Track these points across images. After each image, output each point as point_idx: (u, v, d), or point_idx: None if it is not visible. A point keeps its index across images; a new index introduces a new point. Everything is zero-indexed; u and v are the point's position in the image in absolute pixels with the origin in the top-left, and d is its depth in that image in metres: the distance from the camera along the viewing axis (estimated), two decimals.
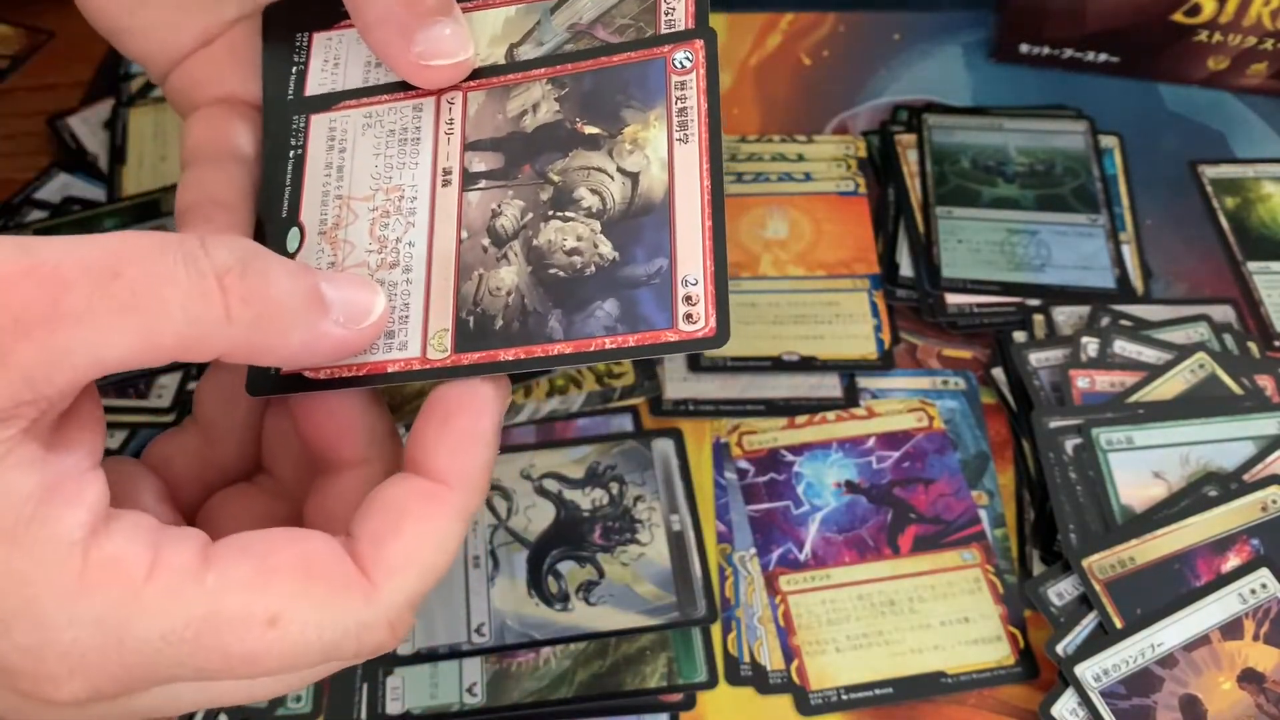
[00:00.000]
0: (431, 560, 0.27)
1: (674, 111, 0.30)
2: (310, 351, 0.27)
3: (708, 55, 0.30)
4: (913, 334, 0.53)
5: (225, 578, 0.25)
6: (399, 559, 0.27)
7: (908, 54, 0.65)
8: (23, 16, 0.68)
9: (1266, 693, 0.40)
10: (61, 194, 0.59)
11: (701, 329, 0.28)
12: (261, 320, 0.25)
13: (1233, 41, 0.60)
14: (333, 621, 0.26)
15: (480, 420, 0.29)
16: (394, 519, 0.27)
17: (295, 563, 0.26)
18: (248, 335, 0.25)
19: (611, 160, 0.30)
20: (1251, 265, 0.55)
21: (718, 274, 0.29)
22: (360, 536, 0.27)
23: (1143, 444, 0.45)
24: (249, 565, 0.25)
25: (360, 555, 0.27)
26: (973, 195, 0.57)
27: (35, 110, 0.63)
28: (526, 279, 0.30)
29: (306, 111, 0.34)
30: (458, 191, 0.31)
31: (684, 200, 0.29)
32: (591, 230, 0.30)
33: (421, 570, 0.27)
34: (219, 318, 0.25)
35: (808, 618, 0.45)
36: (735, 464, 0.49)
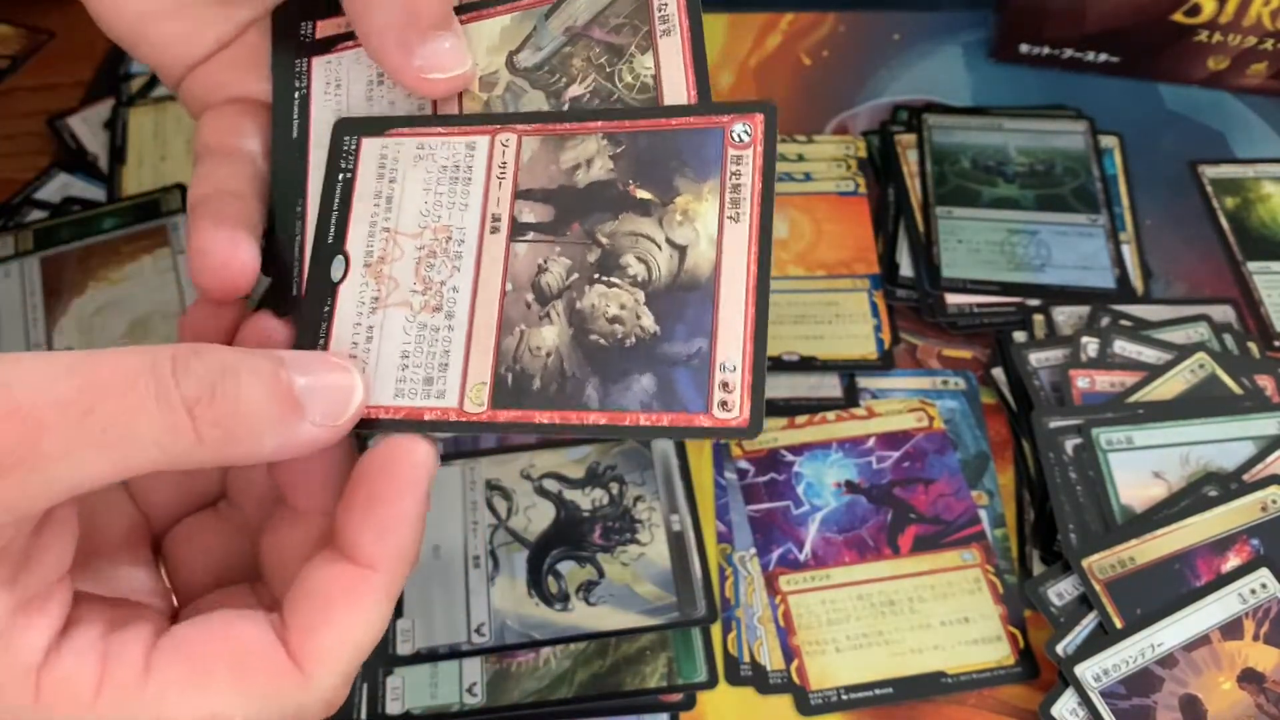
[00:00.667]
0: (361, 641, 0.28)
1: (728, 187, 0.30)
2: (286, 453, 0.28)
3: (766, 132, 0.30)
4: (913, 334, 0.53)
5: (165, 685, 0.26)
6: (330, 647, 0.28)
7: (908, 54, 0.65)
8: (23, 16, 0.68)
9: (1266, 693, 0.40)
10: (61, 194, 0.59)
11: (735, 418, 0.28)
12: (233, 437, 0.26)
13: (1233, 41, 0.60)
14: (268, 712, 0.27)
15: (405, 501, 0.28)
16: (323, 608, 0.28)
17: (229, 660, 0.27)
18: (220, 452, 0.26)
19: (661, 229, 0.30)
20: (1251, 265, 0.55)
21: (756, 362, 0.28)
22: (292, 626, 0.28)
23: (1143, 444, 0.45)
24: (186, 668, 0.27)
25: (292, 645, 0.28)
26: (973, 195, 0.57)
27: (35, 110, 0.63)
28: (567, 341, 0.30)
29: (359, 133, 0.34)
30: (505, 240, 0.31)
31: (729, 282, 0.29)
32: (635, 300, 0.30)
33: (352, 652, 0.28)
34: (190, 444, 0.25)
35: (808, 618, 0.45)
36: (735, 464, 0.49)
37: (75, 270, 0.55)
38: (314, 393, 0.27)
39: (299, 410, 0.27)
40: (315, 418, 0.27)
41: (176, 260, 0.55)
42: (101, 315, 0.53)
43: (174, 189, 0.58)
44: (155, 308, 0.53)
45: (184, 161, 0.60)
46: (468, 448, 0.50)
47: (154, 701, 0.26)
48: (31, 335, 0.53)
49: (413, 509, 0.29)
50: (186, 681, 0.27)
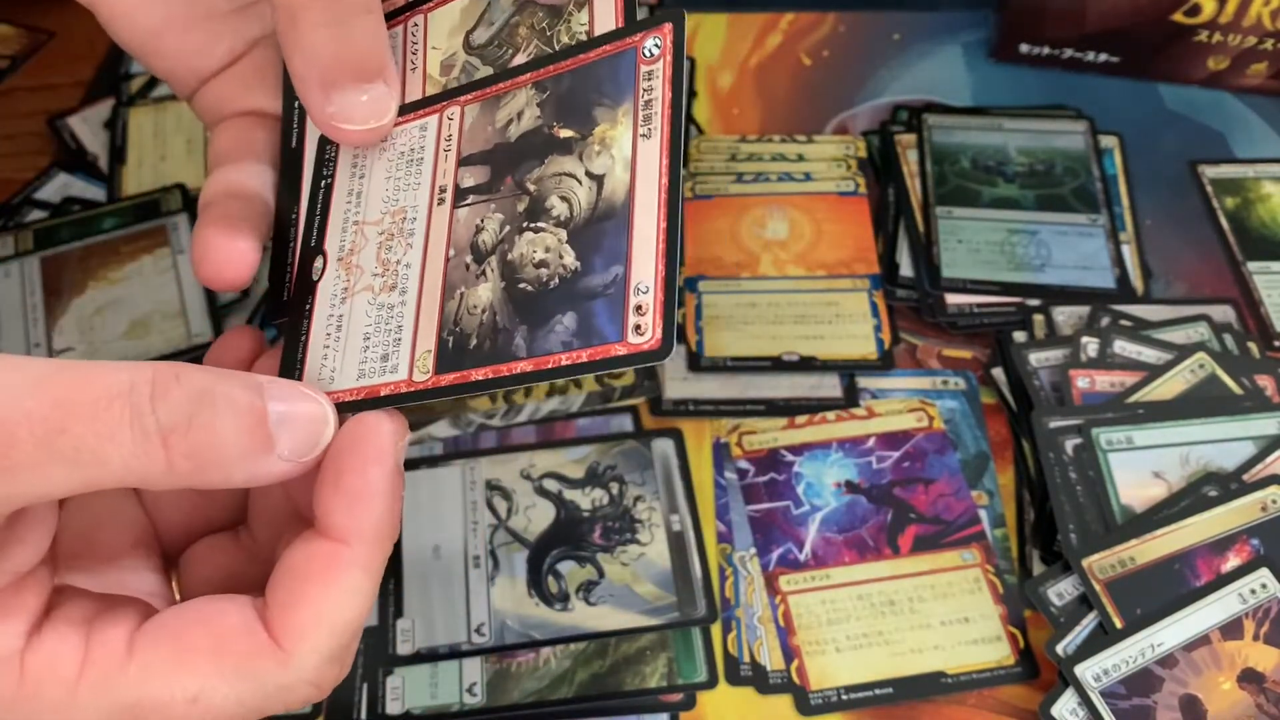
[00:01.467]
0: (340, 617, 0.28)
1: (640, 105, 0.29)
2: (254, 483, 0.28)
3: (675, 41, 0.29)
4: (913, 334, 0.53)
5: (146, 666, 0.27)
6: (306, 623, 0.28)
7: (908, 54, 0.65)
8: (23, 16, 0.68)
9: (1266, 693, 0.40)
10: (61, 194, 0.59)
11: (647, 341, 0.27)
12: (203, 468, 0.26)
13: (1233, 41, 0.60)
14: (250, 690, 0.27)
15: (370, 472, 0.28)
16: (298, 585, 0.28)
17: (208, 641, 0.27)
18: (189, 479, 0.26)
19: (581, 164, 0.29)
20: (1251, 265, 0.55)
21: (668, 279, 0.27)
22: (271, 604, 0.28)
23: (1143, 444, 0.45)
24: (166, 649, 0.27)
25: (271, 622, 0.28)
26: (973, 195, 0.57)
27: (35, 110, 0.63)
28: (499, 295, 0.29)
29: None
30: (449, 209, 0.31)
31: (643, 202, 0.28)
32: (558, 240, 0.29)
33: (331, 628, 0.28)
34: (161, 471, 0.26)
35: (808, 618, 0.45)
36: (735, 464, 0.49)
37: (75, 270, 0.55)
38: (286, 426, 0.28)
39: (269, 445, 0.27)
40: (284, 452, 0.28)
41: (176, 260, 0.55)
42: (101, 315, 0.53)
43: (174, 189, 0.58)
44: (155, 307, 0.53)
45: (184, 161, 0.60)
46: (467, 448, 0.50)
47: (136, 682, 0.27)
48: (31, 335, 0.53)
49: (380, 481, 0.29)
50: (169, 661, 0.27)
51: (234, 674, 0.27)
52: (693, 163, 0.60)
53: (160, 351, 0.52)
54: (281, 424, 0.27)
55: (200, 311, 0.52)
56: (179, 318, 0.52)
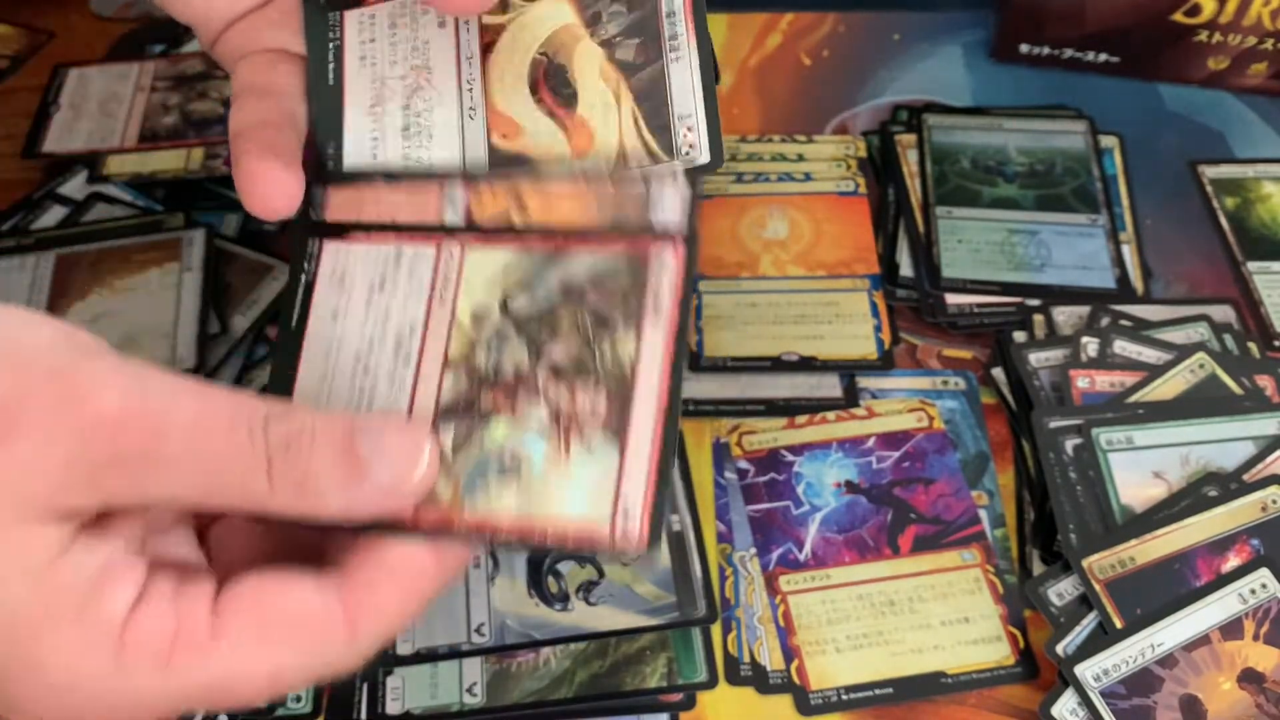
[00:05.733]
0: (408, 615, 0.30)
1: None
2: (352, 513, 0.29)
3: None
4: (913, 334, 0.53)
5: (234, 641, 0.28)
6: (384, 608, 0.29)
7: (908, 54, 0.65)
8: (23, 16, 0.68)
9: (1266, 693, 0.40)
10: (84, 191, 0.59)
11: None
12: (301, 492, 0.28)
13: (1233, 41, 0.60)
14: (319, 665, 0.29)
15: None
16: (384, 578, 0.29)
17: (290, 619, 0.29)
18: (290, 505, 0.28)
19: None
20: (1251, 265, 0.55)
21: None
22: (355, 581, 0.29)
23: (1143, 444, 0.45)
24: (251, 626, 0.28)
25: (349, 601, 0.29)
26: (973, 195, 0.57)
27: (35, 110, 0.63)
28: None
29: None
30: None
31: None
32: None
33: (400, 619, 0.30)
34: (265, 493, 0.28)
35: (808, 618, 0.45)
36: (735, 464, 0.49)
37: (86, 273, 0.54)
38: (378, 455, 0.29)
39: (364, 473, 0.28)
40: (382, 481, 0.29)
41: (182, 278, 0.54)
42: (97, 324, 0.52)
43: None
44: (148, 326, 0.52)
45: None
46: None
47: (224, 657, 0.28)
48: None
49: None
50: (253, 638, 0.28)
51: (311, 651, 0.29)
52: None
53: None
54: (375, 450, 0.29)
55: (190, 338, 0.51)
56: (168, 340, 0.52)
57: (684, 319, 0.31)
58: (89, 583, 0.27)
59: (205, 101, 0.62)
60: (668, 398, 0.30)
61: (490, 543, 0.30)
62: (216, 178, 0.59)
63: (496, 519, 0.30)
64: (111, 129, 0.61)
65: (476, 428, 0.31)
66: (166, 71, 0.64)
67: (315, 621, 0.29)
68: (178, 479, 0.27)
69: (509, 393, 0.31)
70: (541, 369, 0.31)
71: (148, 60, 0.65)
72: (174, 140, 0.61)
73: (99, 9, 0.68)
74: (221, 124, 0.61)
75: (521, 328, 0.32)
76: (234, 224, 0.58)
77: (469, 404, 0.31)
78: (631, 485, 0.30)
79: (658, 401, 0.30)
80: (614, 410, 0.30)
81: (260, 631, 0.28)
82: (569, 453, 0.30)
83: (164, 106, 0.62)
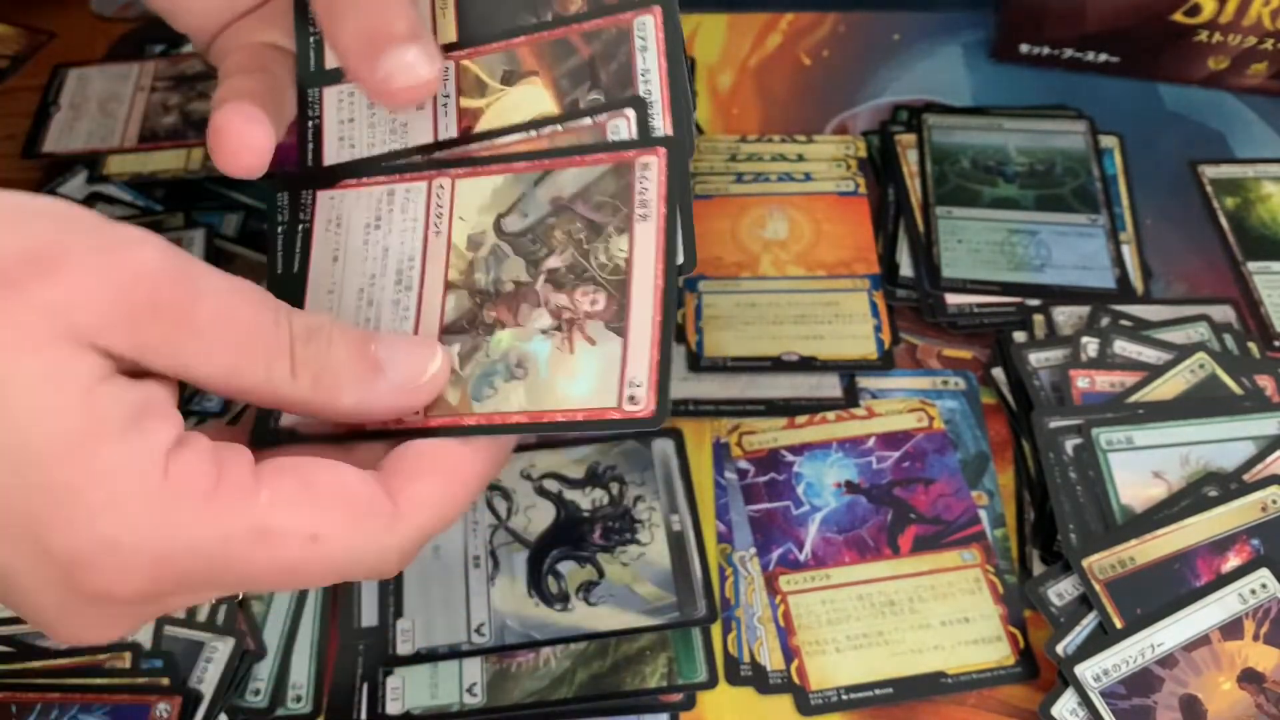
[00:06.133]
0: (451, 508, 0.31)
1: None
2: (365, 410, 0.30)
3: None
4: (913, 334, 0.53)
5: (277, 495, 0.28)
6: (426, 497, 0.30)
7: (908, 54, 0.65)
8: (23, 16, 0.68)
9: (1266, 693, 0.40)
10: (84, 191, 0.59)
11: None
12: (320, 382, 0.29)
13: (1233, 41, 0.60)
14: (362, 543, 0.29)
15: None
16: (428, 464, 0.30)
17: (335, 486, 0.29)
18: (308, 395, 0.29)
19: None
20: (1251, 265, 0.55)
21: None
22: (394, 471, 0.30)
23: (1143, 444, 0.45)
24: (295, 484, 0.28)
25: (392, 487, 0.30)
26: (973, 195, 0.57)
27: (35, 110, 0.63)
28: None
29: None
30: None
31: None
32: None
33: (440, 514, 0.30)
34: (286, 375, 0.29)
35: (808, 618, 0.45)
36: (735, 464, 0.49)
37: None
38: (393, 354, 0.30)
39: (379, 369, 0.30)
40: (396, 378, 0.30)
41: None
42: None
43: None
44: None
45: None
46: None
47: (266, 506, 0.28)
48: None
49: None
50: (297, 496, 0.28)
51: (353, 523, 0.29)
52: (693, 163, 0.60)
53: None
54: (390, 352, 0.30)
55: None
56: None
57: (672, 216, 0.32)
58: (132, 409, 0.27)
59: (205, 101, 0.62)
60: (664, 285, 0.32)
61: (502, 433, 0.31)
62: (216, 178, 0.59)
63: (506, 414, 0.31)
64: (111, 129, 0.61)
65: (481, 339, 0.32)
66: (166, 71, 0.64)
67: (360, 494, 0.29)
68: (208, 346, 0.28)
69: (510, 305, 0.32)
70: (540, 279, 0.33)
71: (148, 60, 0.65)
72: (174, 140, 0.61)
73: (99, 9, 0.68)
74: None
75: (516, 244, 0.33)
76: (234, 224, 0.58)
77: (472, 319, 0.33)
78: (636, 366, 0.31)
79: (654, 292, 0.31)
80: (613, 305, 0.32)
81: (303, 492, 0.28)
82: (574, 349, 0.32)
83: (164, 106, 0.62)
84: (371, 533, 0.29)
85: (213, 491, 0.27)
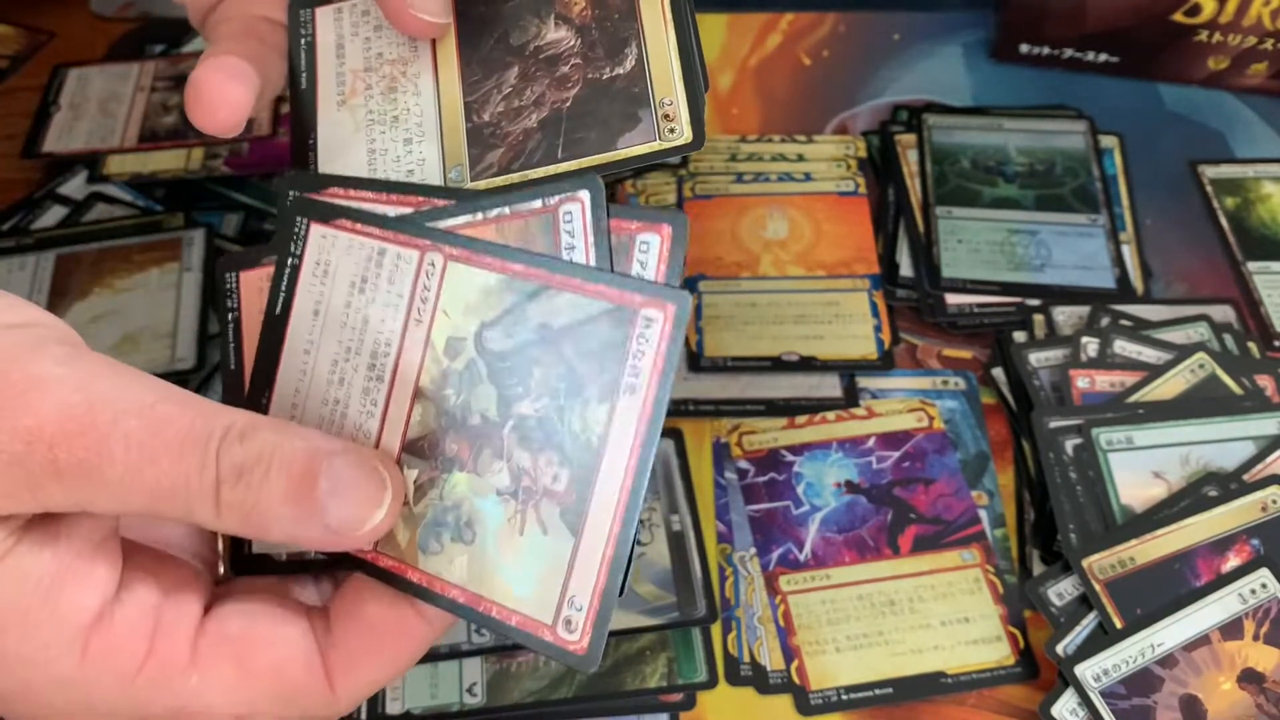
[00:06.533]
0: (391, 675, 0.29)
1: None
2: (297, 543, 0.28)
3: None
4: (913, 334, 0.53)
5: (208, 680, 0.27)
6: (365, 676, 0.29)
7: (908, 54, 0.65)
8: (23, 16, 0.68)
9: (1266, 693, 0.40)
10: (84, 191, 0.59)
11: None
12: (247, 524, 0.27)
13: (1233, 41, 0.60)
14: (293, 716, 0.29)
15: None
16: (374, 644, 0.29)
17: (272, 670, 0.28)
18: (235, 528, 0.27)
19: None
20: (1251, 265, 0.55)
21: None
22: (338, 647, 0.29)
23: (1143, 444, 0.45)
24: (229, 665, 0.28)
25: (332, 666, 0.29)
26: (973, 195, 0.57)
27: (35, 110, 0.63)
28: None
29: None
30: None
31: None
32: None
33: (379, 685, 0.30)
34: (211, 517, 0.26)
35: (808, 618, 0.45)
36: (735, 464, 0.49)
37: (86, 273, 0.54)
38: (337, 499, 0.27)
39: (315, 515, 0.27)
40: (331, 524, 0.27)
41: (182, 276, 0.54)
42: (97, 324, 0.53)
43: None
44: (148, 325, 0.52)
45: None
46: None
47: (195, 690, 0.27)
48: None
49: None
50: (230, 678, 0.27)
51: (284, 702, 0.28)
52: (693, 163, 0.60)
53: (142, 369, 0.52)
54: (334, 490, 0.27)
55: (190, 338, 0.52)
56: (168, 339, 0.52)
57: (662, 394, 0.28)
58: (42, 582, 0.25)
59: None
60: (630, 488, 0.28)
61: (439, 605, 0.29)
62: (216, 178, 0.59)
63: (447, 582, 0.29)
64: (111, 129, 0.61)
65: (439, 475, 0.30)
66: (166, 71, 0.64)
67: (297, 675, 0.28)
68: (120, 496, 0.25)
69: (474, 443, 0.30)
70: (508, 424, 0.30)
71: (148, 60, 0.65)
72: (174, 140, 0.61)
73: (99, 9, 0.68)
74: None
75: (494, 369, 0.30)
76: (234, 224, 0.58)
77: (434, 445, 0.30)
78: (580, 583, 0.28)
79: (619, 494, 0.28)
80: (574, 491, 0.29)
81: (239, 672, 0.28)
82: (524, 530, 0.29)
83: (164, 106, 0.62)
84: (305, 708, 0.29)
85: (137, 671, 0.26)
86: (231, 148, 0.60)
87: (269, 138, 0.60)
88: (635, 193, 0.59)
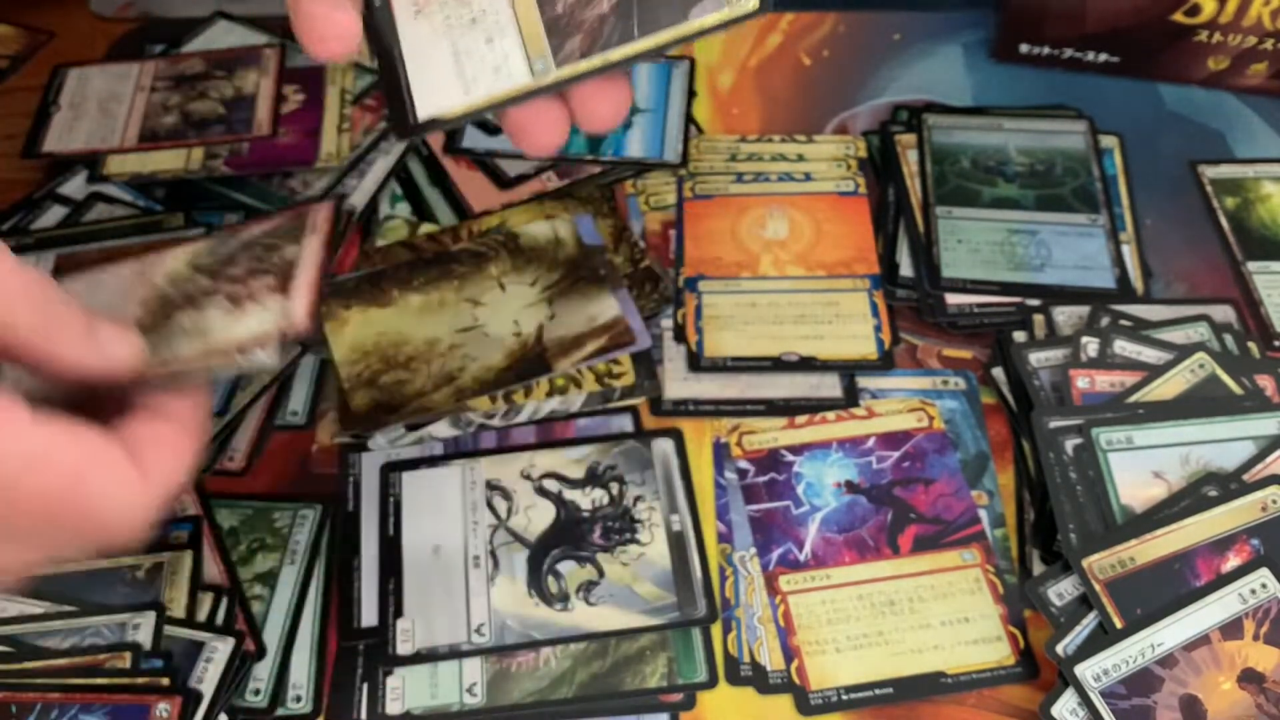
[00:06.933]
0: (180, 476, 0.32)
1: None
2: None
3: None
4: (913, 334, 0.53)
5: (52, 432, 0.29)
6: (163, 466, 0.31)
7: (908, 54, 0.65)
8: (23, 16, 0.68)
9: (1266, 693, 0.40)
10: (84, 191, 0.59)
11: None
12: None
13: (1233, 41, 0.60)
14: (121, 498, 0.30)
15: None
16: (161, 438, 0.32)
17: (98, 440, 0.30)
18: None
19: None
20: (1251, 265, 0.55)
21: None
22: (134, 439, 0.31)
23: (1143, 444, 0.45)
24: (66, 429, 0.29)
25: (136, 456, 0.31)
26: (973, 195, 0.57)
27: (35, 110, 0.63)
28: None
29: None
30: None
31: None
32: None
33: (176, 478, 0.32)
34: None
35: (808, 618, 0.45)
36: (735, 464, 0.49)
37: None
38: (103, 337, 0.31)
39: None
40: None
41: None
42: None
43: None
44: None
45: None
46: (467, 448, 0.50)
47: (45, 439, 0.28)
48: None
49: None
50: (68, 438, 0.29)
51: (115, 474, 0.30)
52: (693, 163, 0.60)
53: None
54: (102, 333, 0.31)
55: None
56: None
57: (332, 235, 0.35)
58: None
59: (205, 101, 0.62)
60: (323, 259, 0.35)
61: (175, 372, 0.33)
62: (216, 178, 0.59)
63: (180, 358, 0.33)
64: (111, 129, 0.61)
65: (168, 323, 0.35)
66: (166, 71, 0.64)
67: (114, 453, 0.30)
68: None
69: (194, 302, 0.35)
70: (221, 281, 0.36)
71: (148, 60, 0.65)
72: (174, 140, 0.61)
73: (99, 9, 0.68)
74: (222, 124, 0.61)
75: (203, 269, 0.36)
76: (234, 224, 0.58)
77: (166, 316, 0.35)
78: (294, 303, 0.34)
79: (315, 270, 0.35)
80: (280, 282, 0.34)
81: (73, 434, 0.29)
82: (243, 309, 0.34)
83: (164, 106, 0.62)
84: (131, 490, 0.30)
85: None
86: (231, 148, 0.60)
87: (269, 138, 0.60)
88: (635, 193, 0.59)
